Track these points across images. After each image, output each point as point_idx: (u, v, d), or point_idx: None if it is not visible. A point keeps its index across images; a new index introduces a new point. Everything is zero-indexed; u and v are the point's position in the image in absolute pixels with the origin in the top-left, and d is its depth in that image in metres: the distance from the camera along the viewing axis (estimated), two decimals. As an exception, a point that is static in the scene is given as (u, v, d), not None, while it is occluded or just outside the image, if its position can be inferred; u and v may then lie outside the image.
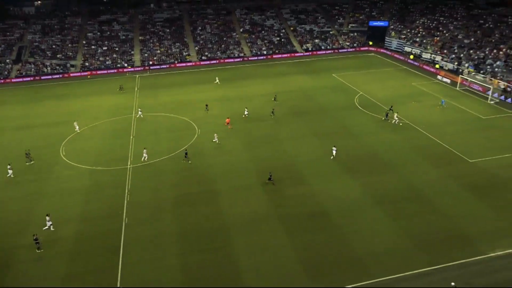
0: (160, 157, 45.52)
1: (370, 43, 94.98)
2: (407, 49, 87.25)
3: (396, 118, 52.37)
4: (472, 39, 78.40)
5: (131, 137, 51.44)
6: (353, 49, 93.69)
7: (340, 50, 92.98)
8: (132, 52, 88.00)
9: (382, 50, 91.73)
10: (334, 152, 43.94)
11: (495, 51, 71.89)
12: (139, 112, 57.66)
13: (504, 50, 70.68)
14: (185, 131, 52.53)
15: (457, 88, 65.86)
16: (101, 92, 70.61)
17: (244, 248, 30.98)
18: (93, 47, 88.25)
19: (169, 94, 68.00)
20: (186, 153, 44.42)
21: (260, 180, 40.22)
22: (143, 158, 44.67)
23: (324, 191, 38.28)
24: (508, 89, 62.52)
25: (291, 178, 40.46)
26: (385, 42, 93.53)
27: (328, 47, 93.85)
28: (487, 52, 72.53)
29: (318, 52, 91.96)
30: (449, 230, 32.43)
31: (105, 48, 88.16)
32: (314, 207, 35.91)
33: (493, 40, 74.77)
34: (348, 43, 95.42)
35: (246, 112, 56.02)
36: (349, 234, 32.21)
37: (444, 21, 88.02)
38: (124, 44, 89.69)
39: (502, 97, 60.52)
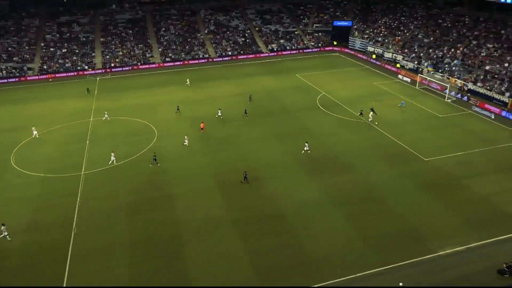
0: (116, 162, 44.27)
1: (335, 43, 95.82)
2: (370, 48, 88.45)
3: (371, 117, 52.70)
4: (431, 38, 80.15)
5: (87, 142, 49.83)
6: (318, 49, 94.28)
7: (305, 50, 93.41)
8: (93, 54, 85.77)
9: (346, 50, 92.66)
10: (306, 147, 44.55)
11: (452, 50, 73.66)
12: (105, 115, 56.13)
13: (461, 49, 72.47)
14: (144, 135, 51.41)
15: (417, 87, 67.07)
16: (60, 96, 68.41)
17: (197, 254, 30.40)
18: (51, 49, 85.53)
19: (130, 97, 66.55)
20: (155, 157, 43.56)
21: (218, 183, 39.69)
22: (110, 161, 43.58)
23: (282, 193, 38.08)
24: (465, 87, 64.08)
25: (250, 181, 40.01)
26: (349, 42, 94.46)
27: (293, 47, 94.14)
28: (445, 51, 74.24)
29: (283, 52, 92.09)
30: (402, 230, 32.73)
31: (64, 50, 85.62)
32: (270, 210, 35.65)
33: (450, 39, 76.61)
34: (312, 43, 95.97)
35: (219, 113, 55.35)
36: (303, 237, 32.07)
37: (405, 21, 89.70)
38: (85, 46, 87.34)
39: (459, 95, 61.96)
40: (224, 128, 52.54)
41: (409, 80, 70.16)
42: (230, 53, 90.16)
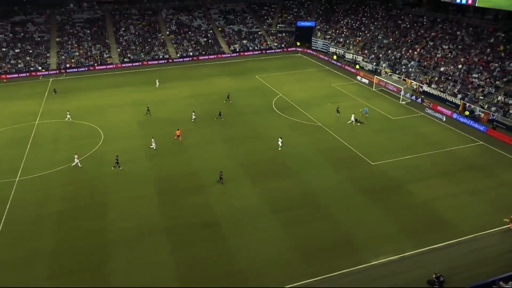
0: (55, 168, 42.40)
1: (298, 43, 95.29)
2: (332, 49, 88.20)
3: (353, 119, 52.21)
4: (391, 39, 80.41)
5: (28, 146, 47.66)
6: (281, 50, 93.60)
7: (267, 51, 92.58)
8: (48, 55, 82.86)
9: (308, 51, 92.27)
10: (280, 142, 45.85)
11: (410, 51, 73.94)
12: (68, 116, 54.62)
13: (418, 50, 72.83)
14: (90, 139, 49.58)
15: (373, 89, 66.97)
16: (8, 98, 65.66)
17: (122, 266, 29.06)
18: (4, 49, 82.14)
19: (82, 98, 64.34)
20: (117, 160, 42.20)
21: (158, 190, 38.35)
22: (74, 164, 42.41)
23: (220, 200, 37.05)
24: (420, 89, 64.32)
25: (189, 187, 38.88)
26: (312, 43, 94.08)
27: (256, 47, 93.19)
28: (403, 52, 74.50)
29: (246, 53, 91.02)
30: (338, 238, 32.10)
31: (17, 50, 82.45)
32: (206, 218, 34.56)
33: (409, 40, 76.96)
34: (276, 44, 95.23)
35: (193, 117, 54.18)
36: (236, 246, 31.11)
37: (366, 21, 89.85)
38: (39, 46, 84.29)
39: (414, 97, 62.06)
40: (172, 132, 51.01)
41: (367, 81, 70.06)
42: (191, 53, 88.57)
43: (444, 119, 54.64)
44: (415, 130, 51.32)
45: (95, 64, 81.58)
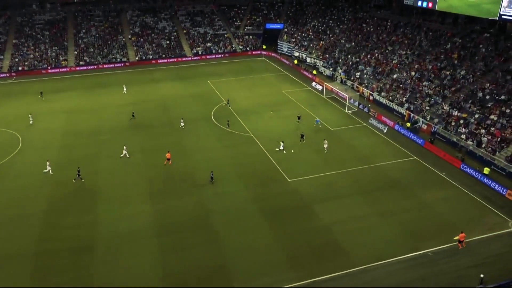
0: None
1: (264, 46, 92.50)
2: (295, 53, 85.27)
3: (282, 148, 46.37)
4: (353, 44, 77.33)
5: None
6: (245, 53, 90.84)
7: (231, 54, 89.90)
8: (1, 57, 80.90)
9: (273, 54, 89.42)
10: (281, 146, 44.63)
11: (368, 56, 70.89)
12: (30, 119, 53.51)
13: (376, 55, 69.77)
14: (3, 148, 47.17)
15: (324, 96, 64.09)
16: None
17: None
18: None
19: (18, 104, 62.07)
20: (78, 172, 39.89)
21: (46, 208, 35.86)
22: (47, 170, 40.98)
23: (108, 220, 34.58)
24: (371, 97, 61.35)
25: (81, 204, 36.40)
26: (278, 46, 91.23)
27: (220, 50, 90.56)
28: (361, 57, 71.45)
29: (208, 56, 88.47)
30: (215, 266, 29.59)
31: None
32: (84, 241, 32.07)
33: (369, 45, 73.90)
34: (241, 47, 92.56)
35: (182, 124, 52.33)
36: (105, 272, 28.56)
37: (332, 24, 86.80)
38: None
39: (361, 106, 59.10)
40: (88, 142, 48.68)
41: (321, 87, 67.11)
42: (151, 56, 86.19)
43: (385, 131, 51.72)
44: (349, 143, 48.43)
45: (48, 67, 79.42)
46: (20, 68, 78.76)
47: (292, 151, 45.80)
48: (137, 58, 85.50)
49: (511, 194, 37.49)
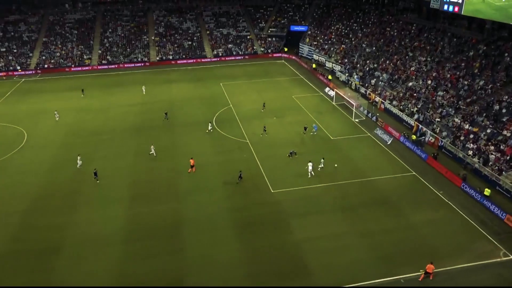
0: None
1: (286, 49, 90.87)
2: (316, 56, 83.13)
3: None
4: (374, 48, 74.24)
5: None
6: (266, 55, 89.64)
7: (251, 56, 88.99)
8: (31, 54, 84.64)
9: (294, 57, 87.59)
10: (311, 167, 41.11)
11: (387, 62, 67.74)
12: (56, 115, 55.59)
13: (395, 61, 66.53)
14: (6, 145, 48.94)
15: (333, 103, 61.86)
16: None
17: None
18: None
19: (35, 101, 64.59)
20: (95, 173, 40.63)
21: (26, 207, 36.74)
22: (79, 165, 42.87)
23: (82, 223, 34.86)
24: (382, 105, 58.54)
25: (61, 205, 36.97)
26: (299, 49, 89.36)
27: (241, 52, 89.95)
28: (380, 63, 68.41)
29: (227, 58, 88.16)
30: (169, 280, 28.95)
31: (3, 49, 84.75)
32: (52, 243, 32.40)
33: (390, 50, 70.59)
34: (262, 49, 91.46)
35: (210, 128, 51.70)
36: (60, 278, 28.80)
37: (356, 28, 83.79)
38: (25, 45, 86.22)
39: (370, 115, 56.48)
40: (87, 142, 49.50)
41: (333, 94, 64.83)
42: (171, 57, 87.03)
43: (389, 142, 49.01)
44: (346, 154, 46.26)
45: (72, 66, 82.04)
46: (46, 66, 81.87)
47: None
48: (157, 58, 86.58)
49: (510, 219, 34.12)
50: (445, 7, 60.92)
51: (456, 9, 58.05)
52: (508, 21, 49.32)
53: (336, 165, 42.72)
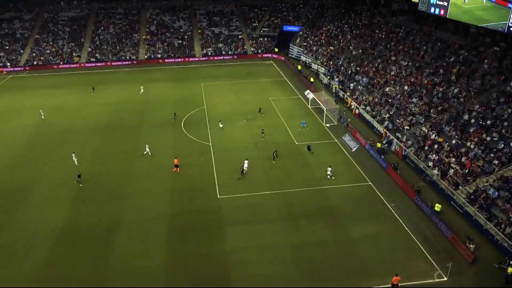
0: None
1: (276, 49, 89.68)
2: (303, 58, 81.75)
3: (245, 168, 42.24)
4: (360, 51, 72.50)
5: None
6: (255, 56, 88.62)
7: (240, 56, 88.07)
8: (22, 51, 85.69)
9: (283, 58, 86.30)
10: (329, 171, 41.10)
11: (370, 65, 66.02)
12: (41, 113, 56.02)
13: (376, 65, 64.78)
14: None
15: (309, 106, 60.58)
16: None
17: None
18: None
19: (10, 98, 65.06)
20: (79, 175, 40.23)
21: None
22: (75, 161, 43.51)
23: (18, 224, 34.90)
24: (357, 111, 56.99)
25: (4, 204, 37.04)
26: (289, 49, 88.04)
27: (230, 52, 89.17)
28: (362, 66, 66.71)
29: (216, 58, 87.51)
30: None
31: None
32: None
33: (375, 53, 68.78)
34: (253, 49, 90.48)
35: (221, 125, 52.63)
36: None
37: (346, 29, 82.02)
38: (17, 42, 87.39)
39: (342, 120, 55.06)
40: (50, 140, 49.62)
41: (312, 97, 63.38)
42: (159, 55, 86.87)
43: (354, 150, 47.64)
44: (305, 161, 45.12)
45: (60, 63, 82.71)
46: (35, 63, 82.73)
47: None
48: (146, 56, 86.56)
49: (454, 238, 32.51)
50: (432, 9, 59.15)
51: (442, 12, 56.28)
52: (476, 24, 47.95)
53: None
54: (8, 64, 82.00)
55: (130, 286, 28.38)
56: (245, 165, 41.64)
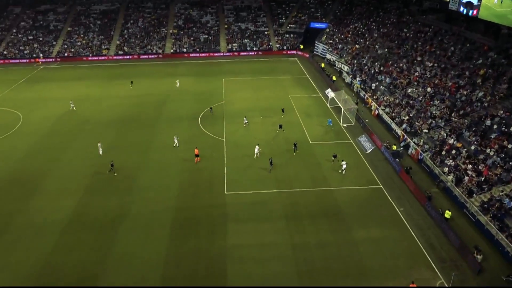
0: None
1: (301, 46, 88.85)
2: (328, 55, 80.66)
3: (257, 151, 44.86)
4: (386, 50, 70.81)
5: None
6: (280, 52, 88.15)
7: (265, 52, 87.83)
8: (54, 43, 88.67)
9: (307, 55, 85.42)
10: (343, 166, 41.73)
11: (394, 65, 64.41)
12: (71, 105, 57.70)
13: (401, 65, 63.11)
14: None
15: (328, 105, 59.79)
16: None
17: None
18: (19, 36, 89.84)
19: (42, 89, 67.75)
20: (112, 165, 41.44)
21: None
22: (100, 152, 44.92)
23: (33, 210, 36.33)
24: (376, 111, 55.80)
25: (18, 193, 38.65)
26: (315, 46, 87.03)
27: (255, 48, 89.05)
28: (386, 66, 65.16)
29: (241, 53, 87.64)
30: (86, 274, 29.35)
31: (30, 37, 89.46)
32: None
33: (400, 53, 67.02)
34: (278, 45, 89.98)
35: (245, 121, 52.86)
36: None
37: (374, 27, 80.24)
38: (50, 34, 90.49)
39: (361, 121, 54.06)
40: (70, 131, 51.07)
41: (332, 96, 62.51)
42: (185, 50, 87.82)
43: (368, 151, 46.75)
44: (316, 161, 44.60)
45: (90, 55, 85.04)
46: (65, 54, 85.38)
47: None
48: (172, 50, 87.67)
49: (462, 247, 31.37)
50: (461, 8, 57.00)
51: (475, 12, 54.18)
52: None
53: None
54: (41, 55, 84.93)
55: (126, 276, 28.86)
56: (256, 150, 43.41)
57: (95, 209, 36.24)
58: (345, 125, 53.38)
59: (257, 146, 44.11)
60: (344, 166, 41.23)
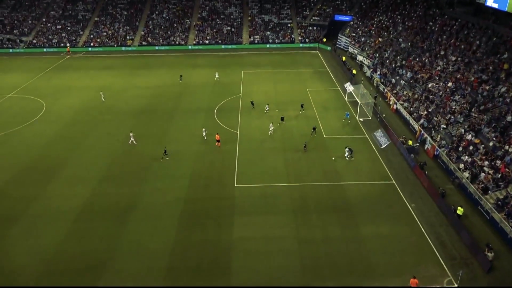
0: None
1: (324, 39, 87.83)
2: (351, 49, 79.51)
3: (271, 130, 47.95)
4: (409, 44, 69.21)
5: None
6: (302, 45, 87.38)
7: (286, 45, 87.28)
8: (81, 33, 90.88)
9: (329, 48, 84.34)
10: (347, 153, 42.87)
11: (417, 59, 62.94)
12: (101, 96, 58.98)
13: (423, 59, 61.61)
14: (22, 118, 53.71)
15: (346, 99, 59.12)
16: (8, 70, 73.97)
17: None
18: (49, 25, 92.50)
19: (68, 78, 69.76)
20: (165, 151, 43.12)
21: (8, 177, 40.60)
22: (130, 141, 46.24)
23: (50, 196, 37.52)
24: (395, 106, 54.81)
25: (34, 180, 40.01)
26: (337, 39, 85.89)
27: (277, 40, 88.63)
28: (408, 60, 63.74)
29: (262, 46, 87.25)
30: (94, 262, 30.38)
31: (59, 27, 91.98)
32: (12, 213, 35.32)
33: (424, 47, 65.38)
34: (300, 38, 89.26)
35: (267, 108, 54.51)
36: (5, 250, 31.34)
37: (398, 20, 78.45)
38: (78, 24, 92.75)
39: (378, 115, 53.24)
40: (91, 120, 52.53)
41: (352, 89, 61.75)
42: (207, 41, 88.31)
43: (383, 146, 46.06)
44: (330, 155, 44.24)
45: (114, 45, 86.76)
46: (92, 44, 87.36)
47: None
48: (194, 42, 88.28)
49: (473, 244, 30.69)
50: (488, 2, 55.10)
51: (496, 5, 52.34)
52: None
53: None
54: (68, 44, 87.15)
55: (133, 265, 29.57)
56: (271, 128, 47.20)
57: (108, 197, 37.20)
58: (361, 119, 52.67)
59: (271, 124, 47.70)
60: (347, 153, 41.65)
